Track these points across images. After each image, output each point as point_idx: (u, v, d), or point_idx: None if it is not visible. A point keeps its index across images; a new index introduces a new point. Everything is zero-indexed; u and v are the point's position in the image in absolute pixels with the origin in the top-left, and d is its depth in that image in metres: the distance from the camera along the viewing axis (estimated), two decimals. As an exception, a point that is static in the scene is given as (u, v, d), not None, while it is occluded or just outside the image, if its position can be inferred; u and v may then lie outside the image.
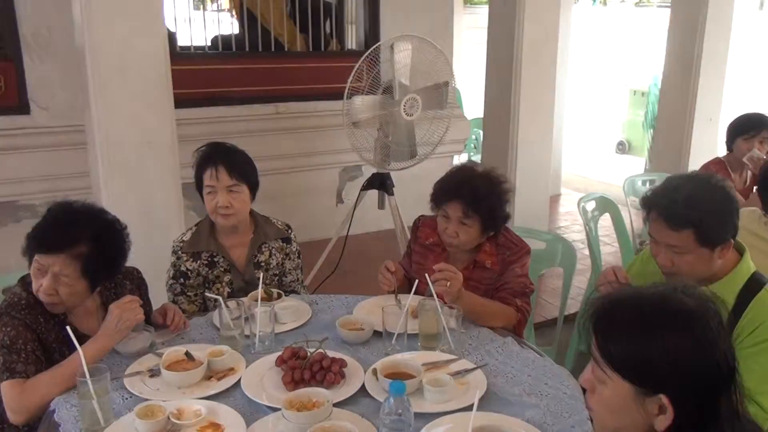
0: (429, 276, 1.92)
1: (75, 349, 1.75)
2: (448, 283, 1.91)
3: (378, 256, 4.68)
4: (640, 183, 3.80)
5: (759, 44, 10.21)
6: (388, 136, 3.75)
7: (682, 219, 1.65)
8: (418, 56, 3.65)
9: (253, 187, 2.26)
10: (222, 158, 2.22)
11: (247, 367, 1.73)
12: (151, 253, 2.70)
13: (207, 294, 1.96)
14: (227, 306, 1.85)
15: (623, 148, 9.41)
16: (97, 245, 1.74)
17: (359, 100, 3.54)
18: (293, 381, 1.63)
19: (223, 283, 2.26)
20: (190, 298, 2.26)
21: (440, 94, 3.75)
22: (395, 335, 1.84)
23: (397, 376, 1.63)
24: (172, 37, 4.61)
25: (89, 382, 1.47)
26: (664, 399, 1.01)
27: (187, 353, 1.72)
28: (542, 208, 4.54)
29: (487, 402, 1.59)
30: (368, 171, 5.44)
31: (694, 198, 1.66)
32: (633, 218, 3.69)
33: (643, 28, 10.03)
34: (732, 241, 1.70)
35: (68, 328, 1.61)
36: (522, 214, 4.21)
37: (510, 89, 4.21)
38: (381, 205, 4.01)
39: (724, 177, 1.85)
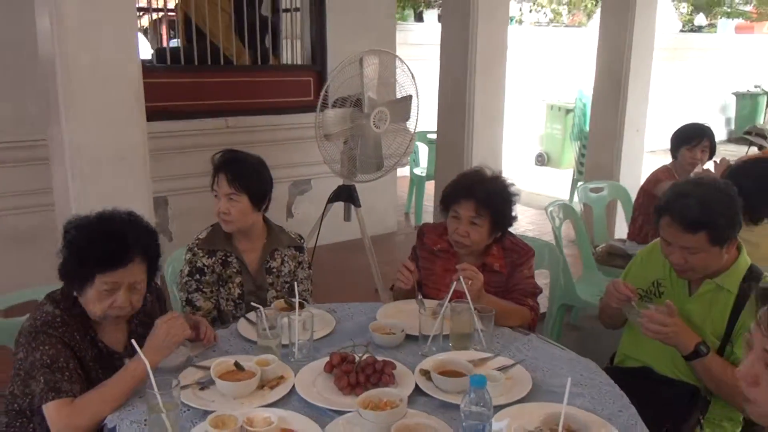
0: (453, 276, 2.00)
1: (110, 367, 1.71)
2: (470, 282, 2.00)
3: (341, 267, 4.77)
4: (590, 191, 4.06)
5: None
6: (354, 148, 3.81)
7: (697, 222, 1.82)
8: (385, 70, 3.75)
9: (258, 198, 2.27)
10: (225, 167, 2.25)
11: (295, 374, 1.74)
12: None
13: (252, 304, 1.95)
14: (266, 315, 1.86)
15: (542, 160, 9.90)
16: (149, 246, 1.74)
17: (331, 113, 3.59)
18: (349, 385, 1.67)
19: (235, 284, 2.27)
20: (205, 295, 2.25)
21: (406, 107, 3.87)
22: (431, 337, 1.91)
23: (450, 374, 1.70)
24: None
25: (158, 395, 1.45)
26: None
27: (236, 364, 1.71)
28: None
29: (536, 394, 1.69)
30: (317, 185, 5.52)
31: (705, 203, 1.84)
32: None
33: (555, 47, 10.57)
34: (736, 238, 1.89)
35: (133, 341, 1.58)
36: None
37: (464, 105, 4.38)
38: (347, 217, 4.05)
39: (725, 180, 2.03)
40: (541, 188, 8.09)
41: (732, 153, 9.33)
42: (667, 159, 3.76)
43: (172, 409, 1.46)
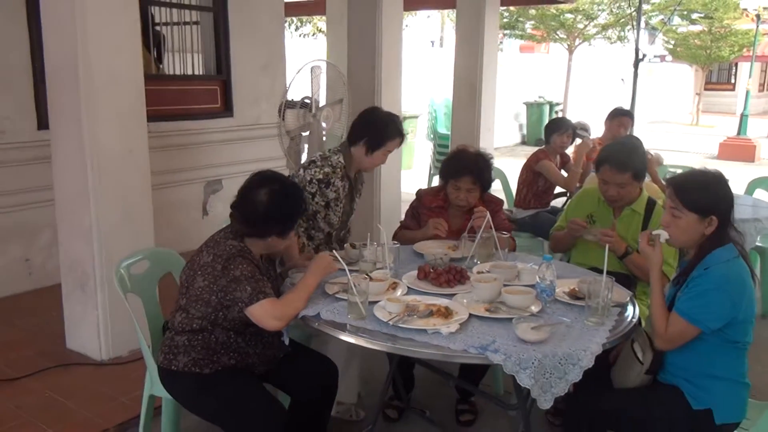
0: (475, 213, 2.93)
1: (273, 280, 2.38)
2: (484, 218, 2.90)
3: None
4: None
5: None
6: (299, 144, 4.51)
7: (627, 165, 2.92)
8: (326, 77, 4.50)
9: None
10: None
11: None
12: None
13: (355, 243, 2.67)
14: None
15: (383, 162, 11.05)
16: None
17: (290, 114, 4.26)
18: (446, 281, 2.49)
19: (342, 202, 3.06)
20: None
21: (340, 108, 4.64)
22: (469, 257, 2.79)
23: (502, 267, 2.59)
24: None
25: (354, 287, 2.15)
26: (714, 218, 2.16)
27: (367, 275, 2.44)
28: (398, 205, 5.65)
29: (562, 276, 2.62)
30: (227, 184, 6.02)
31: (629, 153, 2.95)
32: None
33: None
34: (645, 176, 3.03)
35: (341, 260, 2.27)
36: (386, 211, 5.35)
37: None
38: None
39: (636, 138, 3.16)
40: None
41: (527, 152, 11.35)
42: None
43: (363, 296, 2.17)
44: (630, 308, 2.39)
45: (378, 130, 3.04)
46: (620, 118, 4.90)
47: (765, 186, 5.03)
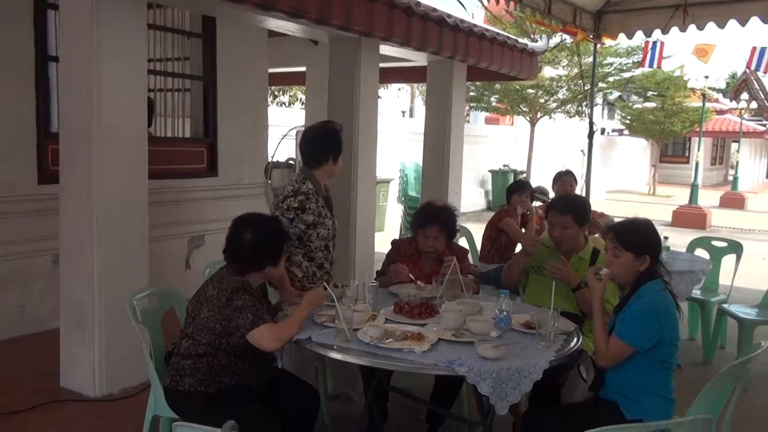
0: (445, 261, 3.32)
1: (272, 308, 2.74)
2: (453, 263, 3.31)
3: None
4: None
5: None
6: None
7: (568, 209, 3.40)
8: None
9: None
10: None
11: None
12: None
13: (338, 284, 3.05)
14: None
15: (355, 225, 11.49)
16: None
17: (276, 173, 4.69)
18: (418, 314, 2.88)
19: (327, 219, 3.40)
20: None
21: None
22: (438, 296, 3.18)
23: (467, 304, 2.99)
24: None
25: (341, 315, 2.53)
26: (647, 257, 2.63)
27: (350, 306, 2.81)
28: (371, 263, 6.04)
29: (517, 312, 3.03)
30: (209, 240, 6.36)
31: (571, 200, 3.47)
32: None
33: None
34: (588, 224, 3.51)
35: (332, 292, 2.62)
36: (361, 267, 5.73)
37: (350, 172, 5.68)
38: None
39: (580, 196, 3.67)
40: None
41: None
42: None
43: (348, 323, 2.55)
44: (575, 337, 2.79)
45: (335, 139, 3.44)
46: (563, 178, 5.48)
47: (704, 245, 5.57)
